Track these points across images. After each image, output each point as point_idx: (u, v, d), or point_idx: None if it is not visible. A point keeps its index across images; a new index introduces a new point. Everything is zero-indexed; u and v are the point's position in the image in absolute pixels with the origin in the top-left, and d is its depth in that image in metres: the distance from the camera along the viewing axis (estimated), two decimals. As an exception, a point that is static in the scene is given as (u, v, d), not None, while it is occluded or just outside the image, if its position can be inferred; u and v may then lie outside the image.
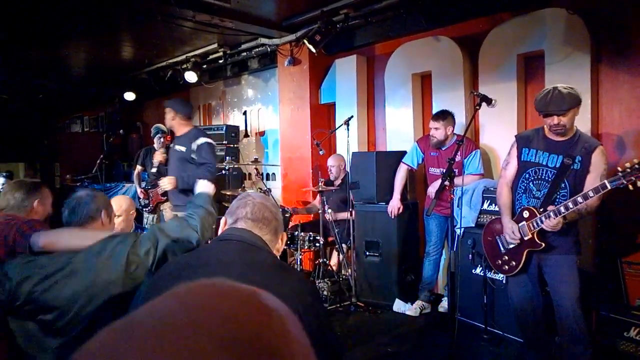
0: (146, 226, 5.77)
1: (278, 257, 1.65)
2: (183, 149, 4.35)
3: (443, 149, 4.35)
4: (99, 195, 2.19)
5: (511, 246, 3.07)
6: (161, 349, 0.39)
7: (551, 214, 2.76)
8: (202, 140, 4.32)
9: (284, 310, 0.48)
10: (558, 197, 2.89)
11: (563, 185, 2.88)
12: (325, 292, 4.65)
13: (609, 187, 2.60)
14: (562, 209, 2.73)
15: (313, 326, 1.31)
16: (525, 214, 2.96)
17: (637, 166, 2.55)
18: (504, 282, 3.58)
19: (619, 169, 2.60)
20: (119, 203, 3.33)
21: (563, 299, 2.88)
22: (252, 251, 1.47)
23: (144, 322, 0.43)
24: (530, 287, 3.07)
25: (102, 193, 2.32)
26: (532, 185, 3.00)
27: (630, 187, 2.58)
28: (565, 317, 2.88)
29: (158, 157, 5.56)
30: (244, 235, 1.52)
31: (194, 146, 4.29)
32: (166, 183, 4.28)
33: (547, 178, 2.94)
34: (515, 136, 3.21)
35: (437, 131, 4.29)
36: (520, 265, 3.01)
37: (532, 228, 2.90)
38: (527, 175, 3.04)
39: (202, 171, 4.09)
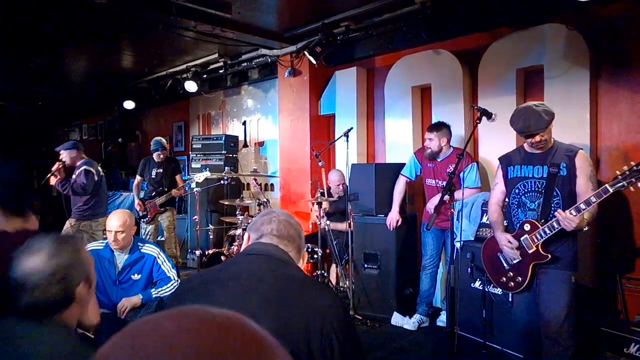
0: (144, 237, 5.74)
1: None
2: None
3: (438, 160, 4.36)
4: None
5: (515, 261, 3.02)
6: None
7: (572, 210, 2.69)
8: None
9: (265, 333, 0.49)
10: (552, 204, 2.90)
11: (555, 193, 2.89)
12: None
13: (611, 191, 2.59)
14: (582, 206, 2.67)
15: (348, 340, 1.31)
16: (527, 227, 2.94)
17: (635, 168, 2.56)
18: (509, 298, 3.53)
19: (618, 172, 2.61)
20: (124, 218, 3.27)
21: (550, 312, 2.85)
22: (281, 266, 1.45)
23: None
24: (533, 304, 3.02)
25: None
26: (524, 199, 3.01)
27: (632, 188, 2.58)
28: (546, 330, 2.86)
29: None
30: (272, 250, 1.50)
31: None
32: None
33: (537, 189, 2.95)
34: (499, 158, 3.26)
35: (431, 142, 4.31)
36: (527, 280, 2.96)
37: (537, 240, 2.87)
38: (517, 191, 3.05)
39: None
